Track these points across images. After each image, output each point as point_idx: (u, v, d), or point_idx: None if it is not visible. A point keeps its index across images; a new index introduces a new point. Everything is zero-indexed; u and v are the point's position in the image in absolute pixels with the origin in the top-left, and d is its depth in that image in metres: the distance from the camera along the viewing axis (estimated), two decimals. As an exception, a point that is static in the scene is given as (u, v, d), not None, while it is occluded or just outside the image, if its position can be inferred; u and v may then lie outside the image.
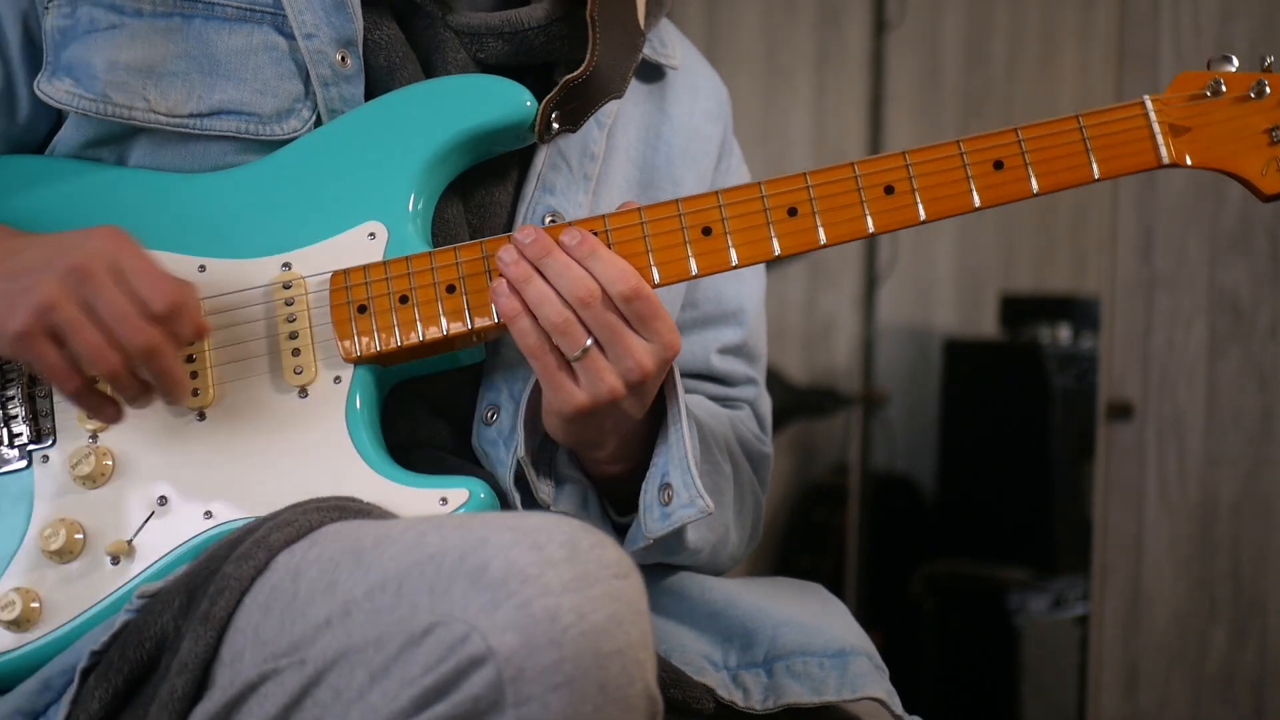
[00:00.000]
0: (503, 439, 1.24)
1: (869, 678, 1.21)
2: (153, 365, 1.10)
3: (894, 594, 3.68)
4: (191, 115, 1.22)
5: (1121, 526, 2.69)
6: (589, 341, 1.15)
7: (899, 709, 1.22)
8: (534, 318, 1.15)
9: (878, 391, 3.89)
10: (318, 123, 1.23)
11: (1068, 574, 3.51)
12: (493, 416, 1.25)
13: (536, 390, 1.22)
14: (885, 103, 3.92)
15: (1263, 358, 2.62)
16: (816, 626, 1.23)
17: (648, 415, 1.22)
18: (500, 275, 1.17)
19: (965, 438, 3.90)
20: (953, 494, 3.92)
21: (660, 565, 1.29)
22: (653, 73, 1.40)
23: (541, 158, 1.29)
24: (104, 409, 1.13)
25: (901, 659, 3.49)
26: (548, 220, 1.27)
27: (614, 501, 1.29)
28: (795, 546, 3.93)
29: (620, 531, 1.27)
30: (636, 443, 1.23)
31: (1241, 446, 2.63)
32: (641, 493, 1.22)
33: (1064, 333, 3.82)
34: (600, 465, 1.25)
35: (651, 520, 1.20)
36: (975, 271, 4.34)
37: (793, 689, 1.19)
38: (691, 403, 1.30)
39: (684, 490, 1.18)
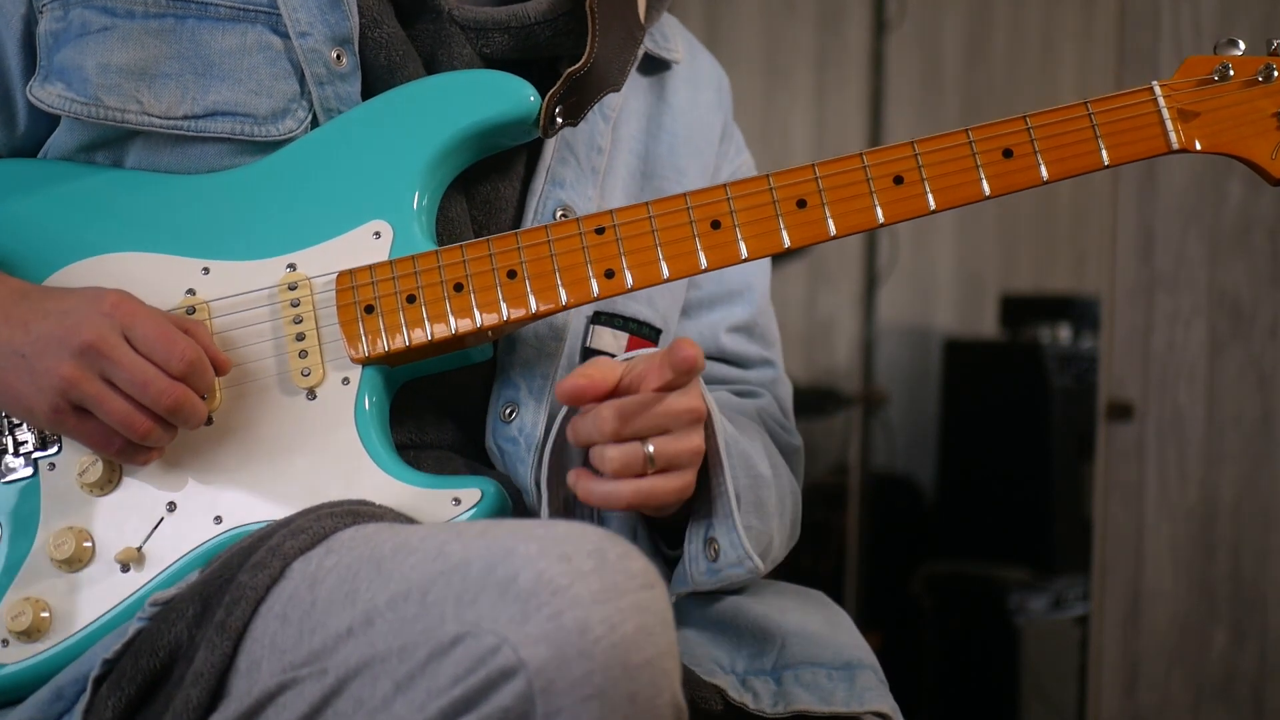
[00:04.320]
0: (523, 436, 1.24)
1: (875, 691, 1.21)
2: (180, 417, 1.13)
3: (894, 594, 3.68)
4: (186, 117, 1.21)
5: (1121, 526, 2.69)
6: (651, 449, 1.13)
7: None
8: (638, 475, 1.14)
9: (878, 391, 3.89)
10: (314, 122, 1.23)
11: (1068, 574, 3.51)
12: (511, 414, 1.24)
13: (555, 453, 1.21)
14: (885, 103, 3.92)
15: (1263, 358, 2.62)
16: (824, 638, 1.23)
17: None
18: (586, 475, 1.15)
19: (965, 438, 3.90)
20: (953, 494, 3.92)
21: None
22: (655, 66, 1.40)
23: (549, 152, 1.29)
24: (146, 455, 1.15)
25: (901, 659, 3.51)
26: (558, 214, 1.27)
27: (661, 531, 1.28)
28: (795, 546, 3.91)
29: (669, 563, 1.26)
30: None
31: (1241, 446, 2.63)
32: (686, 540, 1.22)
33: (1064, 333, 3.82)
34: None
35: (698, 572, 1.20)
36: (975, 271, 4.34)
37: (802, 697, 1.19)
38: (720, 401, 1.29)
39: (731, 551, 1.18)
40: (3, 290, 1.16)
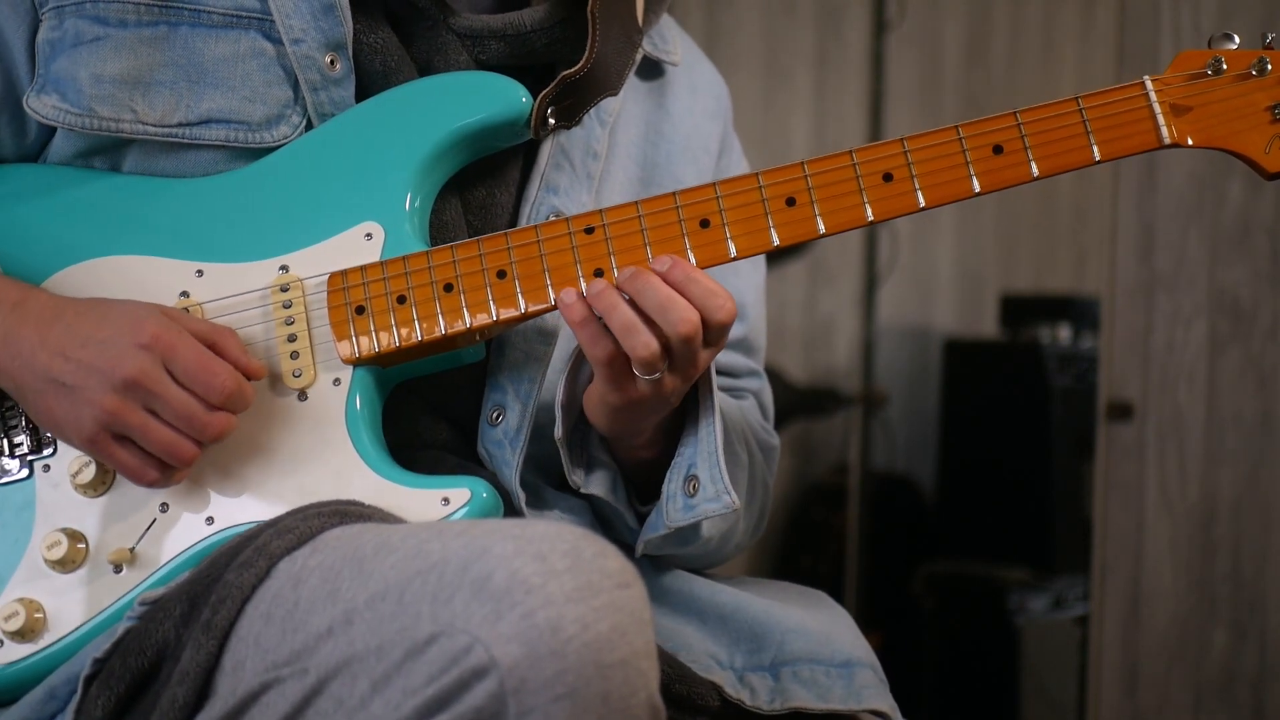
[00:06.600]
0: (508, 439, 1.24)
1: (874, 690, 1.22)
2: (222, 441, 1.14)
3: (894, 594, 3.68)
4: (180, 125, 1.21)
5: (1121, 526, 2.69)
6: (666, 364, 1.15)
7: None
8: (602, 325, 1.15)
9: (878, 391, 3.88)
10: (308, 128, 1.23)
11: (1068, 574, 3.51)
12: (498, 418, 1.25)
13: (573, 373, 1.22)
14: (885, 103, 3.92)
15: (1263, 358, 2.62)
16: (824, 636, 1.24)
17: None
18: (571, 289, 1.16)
19: (965, 438, 3.89)
20: (953, 494, 3.91)
21: (670, 563, 1.30)
22: (653, 70, 1.40)
23: (544, 156, 1.29)
24: (181, 476, 1.16)
25: (901, 659, 3.51)
26: (552, 220, 1.27)
27: (638, 489, 1.29)
28: (795, 546, 3.93)
29: (641, 520, 1.27)
30: (670, 427, 1.24)
31: (1241, 446, 2.63)
32: (665, 481, 1.22)
33: (1064, 333, 3.81)
34: (634, 451, 1.25)
35: (674, 509, 1.20)
36: (975, 271, 4.33)
37: (799, 693, 1.20)
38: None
39: (710, 485, 1.19)
40: (33, 309, 1.15)
